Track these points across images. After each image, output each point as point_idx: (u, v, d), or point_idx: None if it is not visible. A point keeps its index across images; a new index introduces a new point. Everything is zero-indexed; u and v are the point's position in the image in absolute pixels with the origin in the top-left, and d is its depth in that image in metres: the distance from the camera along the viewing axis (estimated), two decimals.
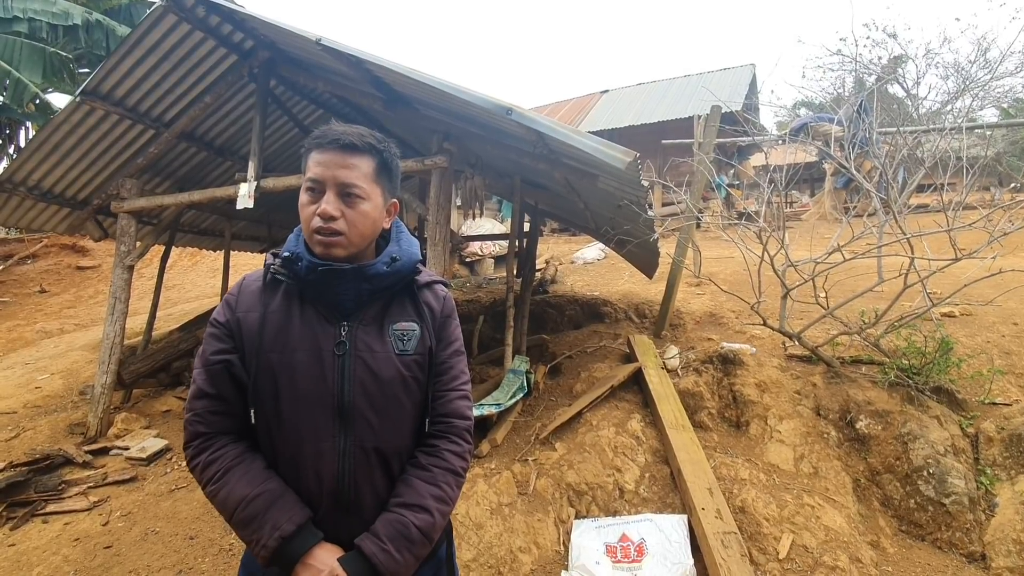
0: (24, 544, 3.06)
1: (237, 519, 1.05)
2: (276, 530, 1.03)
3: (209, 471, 1.08)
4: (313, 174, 1.11)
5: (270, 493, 1.06)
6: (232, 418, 1.12)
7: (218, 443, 1.10)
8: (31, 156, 4.42)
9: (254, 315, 1.12)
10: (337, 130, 1.13)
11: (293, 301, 1.14)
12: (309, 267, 1.11)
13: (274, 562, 1.04)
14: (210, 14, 3.92)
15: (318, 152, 1.12)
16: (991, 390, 3.38)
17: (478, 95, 2.74)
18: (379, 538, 1.06)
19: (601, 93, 17.54)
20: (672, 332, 4.79)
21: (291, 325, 1.12)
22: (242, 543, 2.63)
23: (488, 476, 3.16)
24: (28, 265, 11.53)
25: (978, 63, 7.46)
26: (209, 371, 1.11)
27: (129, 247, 4.72)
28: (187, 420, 1.12)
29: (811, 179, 15.41)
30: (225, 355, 1.11)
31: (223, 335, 1.13)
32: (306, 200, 1.12)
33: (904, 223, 3.41)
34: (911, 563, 2.74)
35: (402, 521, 1.08)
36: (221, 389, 1.11)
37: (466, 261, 9.88)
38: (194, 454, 1.10)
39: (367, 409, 1.11)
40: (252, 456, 1.11)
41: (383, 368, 1.13)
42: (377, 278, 1.14)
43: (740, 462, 3.19)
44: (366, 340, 1.13)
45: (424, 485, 1.13)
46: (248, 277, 1.19)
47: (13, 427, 4.48)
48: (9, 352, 7.54)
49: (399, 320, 1.18)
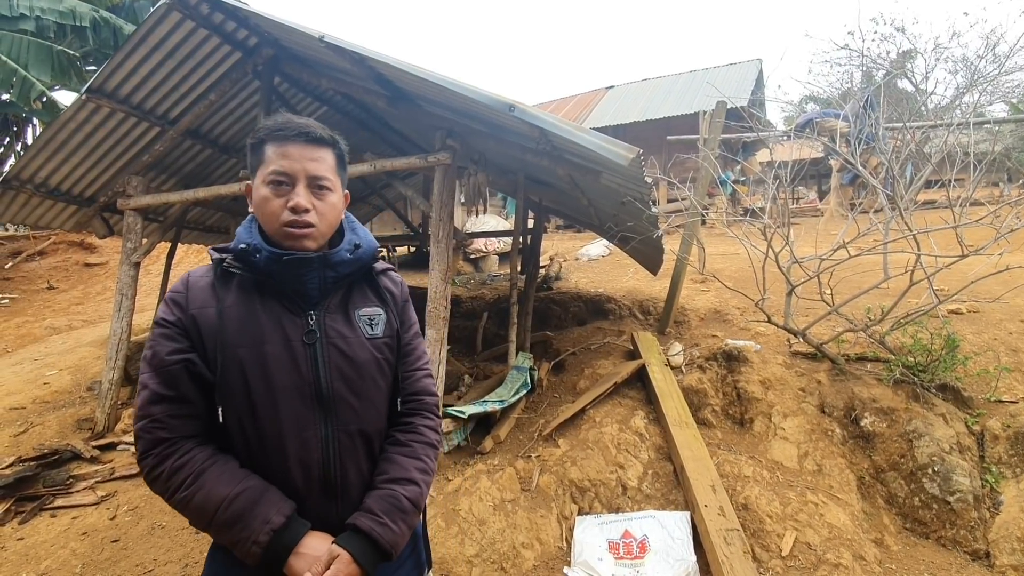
0: (33, 538, 3.10)
1: (220, 521, 1.01)
2: (267, 524, 1.01)
3: (178, 477, 1.02)
4: (281, 167, 1.10)
5: (252, 489, 1.03)
6: (195, 420, 1.07)
7: (184, 447, 1.05)
8: (38, 153, 4.45)
9: (210, 311, 1.08)
10: (299, 122, 1.13)
11: (251, 294, 1.11)
12: (271, 258, 1.09)
13: (266, 558, 1.01)
14: (214, 11, 3.93)
15: (281, 144, 1.11)
16: (998, 388, 3.36)
17: (481, 92, 2.73)
18: (374, 513, 1.09)
19: (606, 89, 17.47)
20: (676, 329, 4.78)
21: (255, 318, 1.09)
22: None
23: (491, 472, 3.17)
24: (36, 262, 11.62)
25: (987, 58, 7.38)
26: (166, 373, 1.05)
27: (135, 244, 4.75)
28: (142, 428, 1.04)
29: (817, 175, 15.30)
30: (183, 354, 1.06)
31: (176, 334, 1.07)
32: (270, 193, 1.10)
33: (911, 219, 3.38)
34: (915, 561, 2.73)
35: (393, 495, 1.12)
36: (182, 390, 1.05)
37: (470, 258, 9.88)
38: (156, 462, 1.03)
39: (347, 393, 1.13)
40: (224, 457, 1.07)
41: (358, 352, 1.15)
42: (341, 265, 1.16)
43: (744, 459, 3.19)
44: (336, 327, 1.15)
45: (407, 459, 1.17)
46: (194, 273, 1.15)
47: (22, 422, 4.53)
48: (18, 348, 7.62)
49: (363, 306, 1.20)
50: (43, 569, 2.82)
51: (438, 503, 2.95)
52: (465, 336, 5.68)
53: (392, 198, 8.34)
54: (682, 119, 13.04)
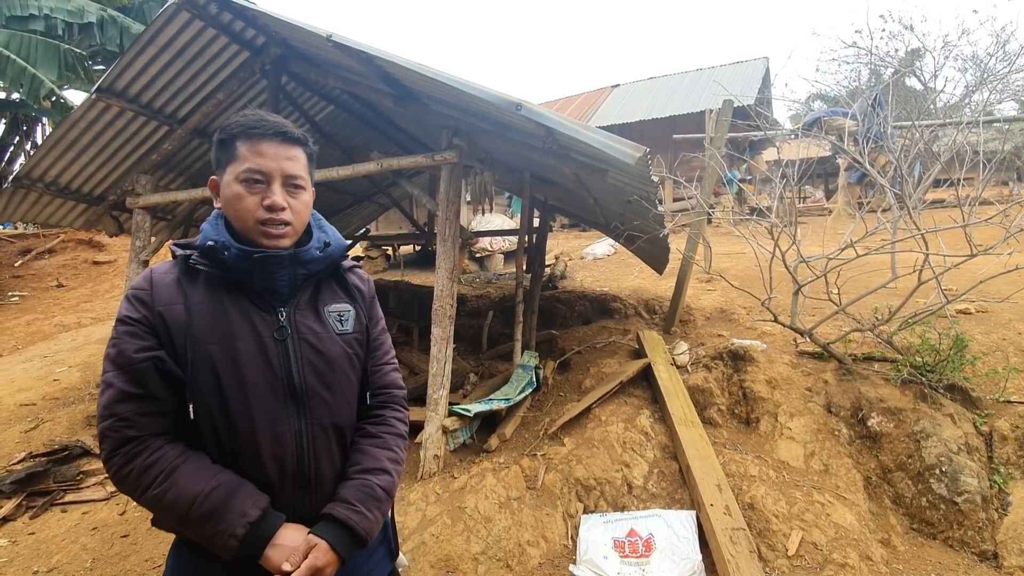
0: (44, 533, 3.14)
1: (194, 516, 1.00)
2: (243, 517, 1.01)
3: (149, 475, 1.01)
4: (256, 165, 1.10)
5: (227, 484, 1.04)
6: (164, 418, 1.06)
7: (153, 445, 1.03)
8: (48, 152, 4.50)
9: (178, 307, 1.07)
10: (274, 120, 1.14)
11: (219, 291, 1.11)
12: (241, 255, 1.09)
13: (242, 551, 1.01)
14: (222, 11, 3.95)
15: (255, 142, 1.11)
16: (1007, 388, 3.34)
17: (488, 91, 2.74)
18: (349, 503, 1.12)
19: (612, 88, 17.44)
20: (682, 328, 4.77)
21: (224, 315, 1.09)
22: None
23: (497, 470, 3.18)
24: (45, 260, 11.73)
25: (997, 56, 7.32)
26: (134, 371, 1.03)
27: (144, 242, 4.79)
28: (108, 427, 1.02)
29: (825, 174, 15.23)
30: (151, 351, 1.04)
31: (143, 332, 1.05)
32: (243, 191, 1.10)
33: (919, 218, 3.36)
34: (922, 561, 2.72)
35: (367, 484, 1.15)
36: (150, 388, 1.04)
37: (476, 256, 9.89)
38: (124, 461, 1.02)
39: (320, 388, 1.14)
40: (195, 453, 1.06)
41: (329, 348, 1.17)
42: (312, 262, 1.17)
43: (750, 459, 3.18)
44: (307, 323, 1.16)
45: (378, 450, 1.21)
46: (157, 270, 1.14)
47: (32, 418, 4.58)
48: (28, 345, 7.69)
49: (331, 303, 1.22)
50: (54, 563, 2.85)
51: (444, 500, 2.97)
52: (471, 334, 5.70)
53: (398, 197, 8.35)
54: (688, 118, 13.01)
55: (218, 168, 1.16)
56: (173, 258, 1.17)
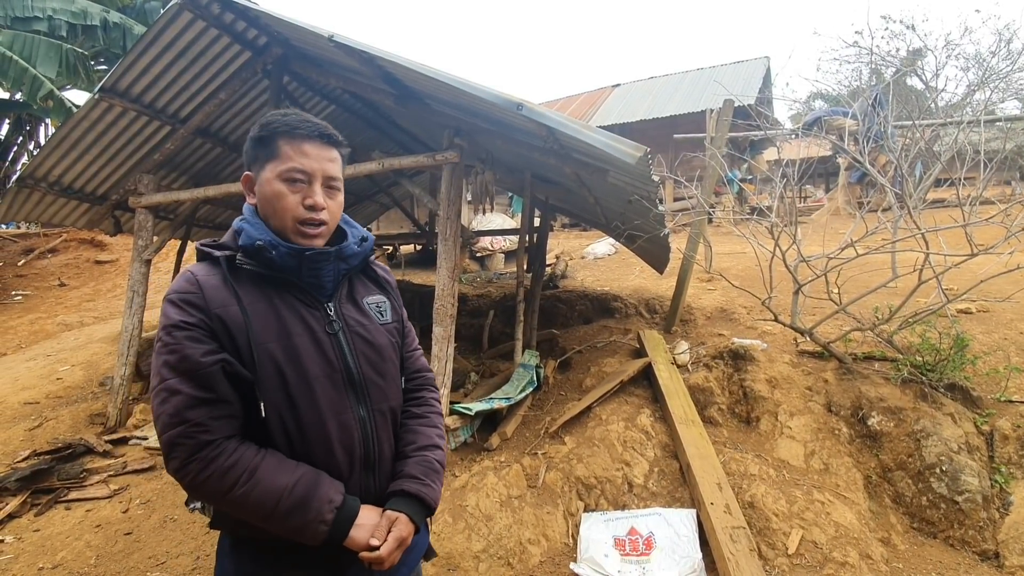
0: (48, 529, 3.16)
1: (282, 510, 1.02)
2: (330, 503, 1.06)
3: (231, 476, 1.01)
4: (300, 164, 1.12)
5: (308, 475, 1.07)
6: (235, 420, 1.06)
7: (229, 447, 1.03)
8: (52, 152, 4.52)
9: (233, 308, 1.07)
10: (316, 121, 1.16)
11: (266, 290, 1.12)
12: (289, 253, 1.11)
13: (331, 534, 1.06)
14: (224, 11, 3.96)
15: (298, 142, 1.12)
16: (1008, 387, 3.34)
17: (489, 90, 2.75)
18: (417, 477, 1.21)
19: (613, 87, 17.43)
20: (683, 327, 4.78)
21: (276, 313, 1.11)
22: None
23: (498, 469, 3.19)
24: (48, 259, 11.76)
25: (1000, 54, 7.31)
26: (202, 375, 1.02)
27: (147, 241, 4.81)
28: (180, 434, 1.00)
29: (825, 173, 15.19)
30: (217, 355, 1.04)
31: (203, 336, 1.04)
32: (285, 189, 1.11)
33: (919, 218, 3.36)
34: (922, 560, 2.73)
35: (427, 459, 1.25)
36: (220, 392, 1.03)
37: (476, 256, 9.90)
38: (203, 466, 1.01)
39: (375, 375, 1.21)
40: (268, 451, 1.08)
41: (377, 338, 1.23)
42: (352, 257, 1.22)
43: (750, 458, 3.19)
44: (353, 316, 1.21)
45: (427, 428, 1.30)
46: (198, 272, 1.11)
47: (36, 417, 4.60)
48: (31, 344, 7.72)
49: (367, 295, 1.28)
50: (59, 560, 2.87)
51: (445, 499, 2.97)
52: (472, 334, 5.71)
53: (399, 196, 8.37)
54: (689, 117, 13.01)
55: (254, 164, 1.16)
56: (200, 259, 1.16)
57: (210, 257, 1.14)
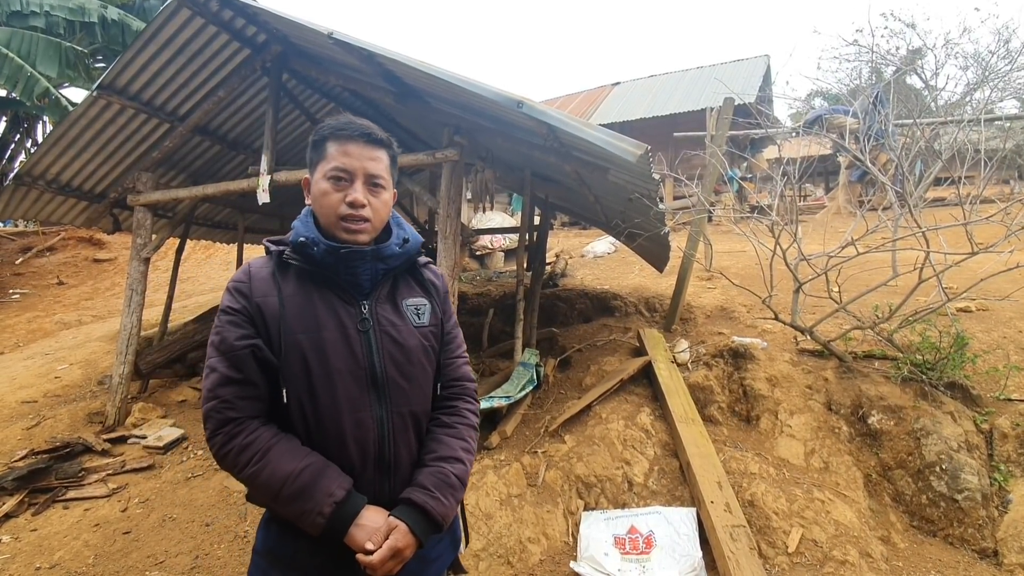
0: (46, 529, 3.15)
1: (286, 494, 1.08)
2: (329, 497, 1.08)
3: (246, 454, 1.10)
4: (341, 164, 1.18)
5: (314, 465, 1.11)
6: (260, 401, 1.15)
7: (250, 427, 1.12)
8: (50, 150, 4.50)
9: (272, 299, 1.16)
10: (360, 123, 1.21)
11: (308, 284, 1.19)
12: (328, 251, 1.17)
13: (328, 528, 1.08)
14: (223, 8, 3.95)
15: (342, 143, 1.19)
16: (1007, 386, 3.34)
17: (489, 88, 2.74)
18: (426, 488, 1.18)
19: (613, 85, 17.41)
20: (682, 326, 4.78)
21: (312, 306, 1.17)
22: (253, 530, 2.68)
23: (498, 467, 3.19)
24: (46, 258, 11.74)
25: (999, 53, 7.31)
26: (234, 357, 1.12)
27: (145, 240, 4.80)
28: (212, 408, 1.12)
29: (826, 172, 15.18)
30: (249, 340, 1.14)
31: (243, 321, 1.15)
32: (329, 188, 1.18)
33: (920, 217, 3.36)
34: (922, 558, 2.73)
35: (443, 471, 1.21)
36: (248, 373, 1.13)
37: (476, 255, 9.90)
38: (225, 440, 1.11)
39: (399, 377, 1.21)
40: (286, 435, 1.14)
41: (407, 339, 1.23)
42: (392, 258, 1.24)
43: (750, 456, 3.19)
44: (387, 316, 1.23)
45: (453, 440, 1.27)
46: (254, 264, 1.23)
47: (34, 415, 4.59)
48: (29, 343, 7.71)
49: (408, 296, 1.29)
50: (57, 559, 2.86)
51: None
52: (471, 332, 5.70)
53: (399, 194, 8.35)
54: (689, 115, 12.99)
55: (310, 167, 1.24)
56: (266, 253, 1.26)
57: (268, 251, 1.25)
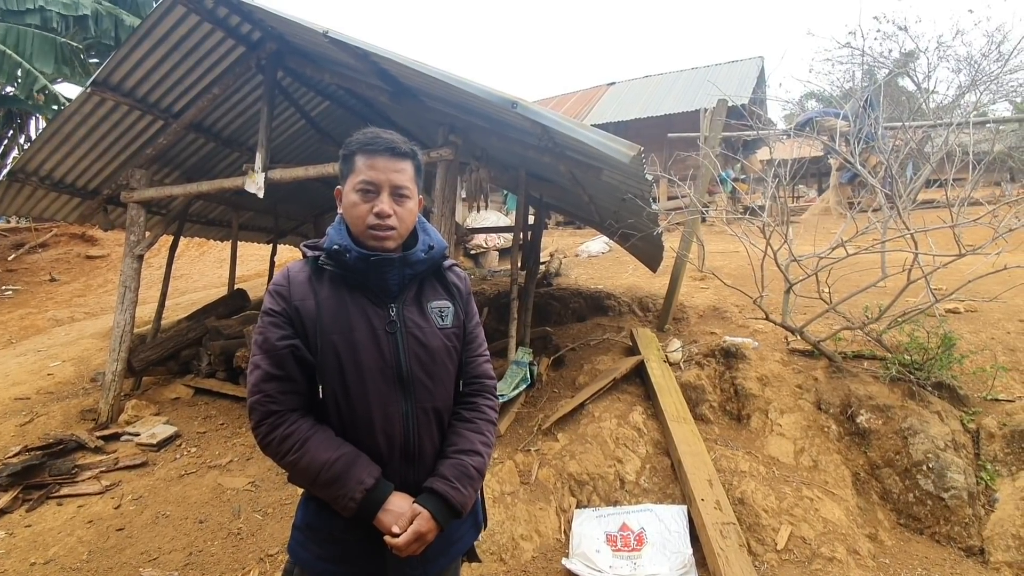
0: (40, 525, 3.14)
1: (322, 480, 1.20)
2: (360, 483, 1.20)
3: (287, 443, 1.21)
4: (368, 177, 1.26)
5: (347, 455, 1.22)
6: (299, 396, 1.25)
7: (290, 419, 1.23)
8: (43, 146, 4.48)
9: (310, 302, 1.26)
10: (386, 137, 1.29)
11: (341, 288, 1.29)
12: (360, 257, 1.26)
13: (359, 511, 1.20)
14: (218, 5, 3.94)
15: (369, 157, 1.27)
16: (994, 386, 3.39)
17: (484, 88, 2.76)
18: (447, 479, 1.28)
19: (607, 86, 17.45)
20: (675, 325, 4.81)
21: (345, 309, 1.27)
22: (251, 527, 2.75)
23: (491, 465, 3.20)
24: (38, 254, 11.67)
25: (991, 56, 7.36)
26: (276, 355, 1.23)
27: (139, 237, 4.78)
28: (256, 401, 1.23)
29: (818, 173, 15.29)
30: (290, 340, 1.24)
31: (283, 322, 1.25)
32: (358, 199, 1.27)
33: (909, 218, 3.40)
34: (909, 556, 2.77)
35: (462, 463, 1.31)
36: (288, 371, 1.23)
37: (470, 253, 9.91)
38: (268, 430, 1.22)
39: (423, 375, 1.30)
40: (322, 427, 1.25)
41: (431, 340, 1.32)
42: (418, 263, 1.33)
43: (740, 454, 3.22)
44: (413, 318, 1.32)
45: (472, 434, 1.36)
46: (292, 268, 1.33)
47: (27, 412, 4.57)
48: (22, 339, 7.66)
49: (433, 299, 1.37)
50: (51, 555, 2.86)
51: None
52: None
53: None
54: (683, 116, 13.03)
55: (341, 179, 1.34)
56: (304, 258, 1.36)
57: (305, 256, 1.36)
